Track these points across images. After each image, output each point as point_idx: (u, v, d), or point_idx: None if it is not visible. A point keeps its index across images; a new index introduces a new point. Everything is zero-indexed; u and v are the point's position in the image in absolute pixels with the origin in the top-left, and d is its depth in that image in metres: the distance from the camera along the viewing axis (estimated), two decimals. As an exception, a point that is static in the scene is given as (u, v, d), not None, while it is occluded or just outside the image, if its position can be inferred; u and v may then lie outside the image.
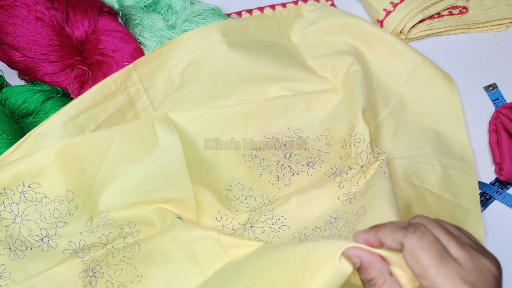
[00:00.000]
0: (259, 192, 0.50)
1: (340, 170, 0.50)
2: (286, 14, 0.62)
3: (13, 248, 0.43)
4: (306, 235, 0.47)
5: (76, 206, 0.45)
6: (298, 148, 0.52)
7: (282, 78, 0.55)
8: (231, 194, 0.50)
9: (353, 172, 0.49)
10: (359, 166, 0.49)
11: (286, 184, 0.50)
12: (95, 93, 0.49)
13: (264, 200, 0.49)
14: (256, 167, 0.51)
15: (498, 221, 0.51)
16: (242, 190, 0.50)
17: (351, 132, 0.51)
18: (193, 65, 0.53)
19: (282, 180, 0.50)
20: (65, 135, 0.46)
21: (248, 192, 0.50)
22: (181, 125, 0.50)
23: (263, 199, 0.50)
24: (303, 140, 0.53)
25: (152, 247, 0.44)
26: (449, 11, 0.62)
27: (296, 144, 0.52)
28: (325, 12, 0.61)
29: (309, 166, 0.51)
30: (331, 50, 0.59)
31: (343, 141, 0.52)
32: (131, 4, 0.58)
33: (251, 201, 0.49)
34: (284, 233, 0.47)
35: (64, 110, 0.47)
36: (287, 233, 0.47)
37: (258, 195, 0.50)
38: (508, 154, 0.51)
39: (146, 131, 0.47)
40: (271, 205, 0.49)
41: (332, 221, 0.47)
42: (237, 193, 0.50)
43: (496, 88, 0.59)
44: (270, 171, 0.51)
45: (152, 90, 0.52)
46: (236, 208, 0.49)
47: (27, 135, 0.46)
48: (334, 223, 0.46)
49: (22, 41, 0.49)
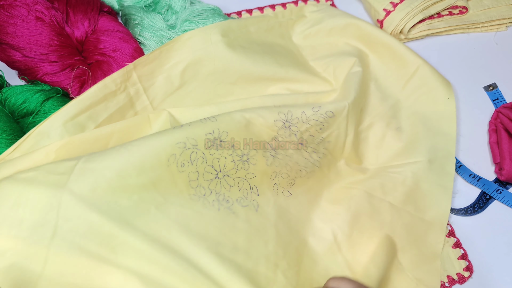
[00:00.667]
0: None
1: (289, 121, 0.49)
2: (288, 15, 0.62)
3: None
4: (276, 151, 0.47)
5: None
6: (298, 148, 0.52)
7: (282, 79, 0.55)
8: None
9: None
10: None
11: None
12: (94, 93, 0.49)
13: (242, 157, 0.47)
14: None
15: (498, 221, 0.51)
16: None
17: (327, 116, 0.50)
18: (193, 65, 0.53)
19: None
20: (65, 134, 0.46)
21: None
22: (178, 119, 0.50)
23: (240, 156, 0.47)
24: (303, 140, 0.52)
25: None
26: (449, 11, 0.62)
27: (296, 145, 0.52)
28: (327, 13, 0.61)
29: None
30: (333, 51, 0.59)
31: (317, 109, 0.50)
32: (131, 4, 0.58)
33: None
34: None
35: (64, 110, 0.47)
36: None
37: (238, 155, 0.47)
38: (508, 154, 0.51)
39: (142, 125, 0.48)
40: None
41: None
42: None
43: (496, 88, 0.59)
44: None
45: (151, 90, 0.52)
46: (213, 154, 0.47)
47: (27, 134, 0.46)
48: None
49: (22, 41, 0.49)
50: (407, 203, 0.49)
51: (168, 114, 0.49)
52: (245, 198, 0.45)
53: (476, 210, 0.51)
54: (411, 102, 0.56)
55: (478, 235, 0.50)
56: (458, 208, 0.51)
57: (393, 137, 0.54)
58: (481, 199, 0.52)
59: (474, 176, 0.52)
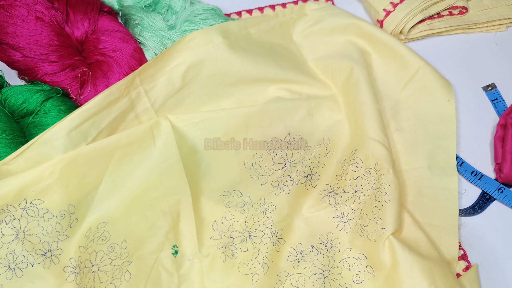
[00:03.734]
0: (257, 199, 0.50)
1: (334, 191, 0.50)
2: (289, 13, 0.61)
3: (12, 266, 0.43)
4: (303, 253, 0.47)
5: (77, 219, 0.46)
6: (298, 148, 0.52)
7: (282, 81, 0.55)
8: (229, 201, 0.50)
9: (347, 196, 0.49)
10: (353, 191, 0.49)
11: (285, 192, 0.50)
12: (99, 102, 0.49)
13: (261, 207, 0.49)
14: (257, 176, 0.51)
15: (498, 221, 0.51)
16: (240, 197, 0.50)
17: (352, 154, 0.51)
18: (194, 67, 0.53)
19: (281, 188, 0.50)
20: (68, 143, 0.46)
21: (246, 199, 0.50)
22: (182, 130, 0.51)
23: (260, 205, 0.50)
24: (303, 140, 0.53)
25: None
26: (449, 11, 0.62)
27: (296, 144, 0.52)
28: (328, 11, 0.60)
29: (307, 180, 0.51)
30: (333, 51, 0.58)
31: (343, 161, 0.52)
32: (131, 4, 0.58)
33: (249, 209, 0.49)
34: (280, 247, 0.48)
35: (69, 119, 0.47)
36: (283, 247, 0.48)
37: (255, 202, 0.50)
38: (510, 156, 0.51)
39: (145, 141, 0.49)
40: (269, 213, 0.49)
41: (328, 245, 0.48)
42: (234, 200, 0.50)
43: (494, 88, 0.59)
44: (271, 182, 0.51)
45: (153, 92, 0.52)
46: (233, 215, 0.49)
47: (31, 142, 0.46)
48: (331, 249, 0.47)
49: (22, 41, 0.49)
50: (413, 211, 0.50)
51: (169, 124, 0.50)
52: None
53: (476, 211, 0.51)
54: (410, 103, 0.56)
55: (478, 235, 0.50)
56: (459, 209, 0.51)
57: (391, 140, 0.54)
58: (481, 200, 0.52)
59: (476, 174, 0.52)
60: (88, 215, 0.47)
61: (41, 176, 0.44)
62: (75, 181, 0.46)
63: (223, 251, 0.47)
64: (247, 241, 0.48)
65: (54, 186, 0.45)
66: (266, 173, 0.51)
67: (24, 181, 0.44)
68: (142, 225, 0.47)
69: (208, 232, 0.48)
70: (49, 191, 0.45)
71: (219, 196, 0.50)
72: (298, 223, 0.49)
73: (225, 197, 0.50)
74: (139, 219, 0.47)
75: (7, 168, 0.45)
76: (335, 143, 0.53)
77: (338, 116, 0.54)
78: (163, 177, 0.49)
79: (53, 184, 0.45)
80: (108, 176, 0.48)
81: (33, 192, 0.44)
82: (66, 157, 0.45)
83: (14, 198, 0.44)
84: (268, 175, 0.51)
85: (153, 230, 0.47)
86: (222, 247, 0.47)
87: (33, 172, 0.44)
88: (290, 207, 0.49)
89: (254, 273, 0.46)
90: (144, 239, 0.47)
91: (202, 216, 0.49)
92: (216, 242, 0.48)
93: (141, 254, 0.46)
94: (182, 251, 0.47)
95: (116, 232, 0.47)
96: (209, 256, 0.47)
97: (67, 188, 0.45)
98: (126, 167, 0.48)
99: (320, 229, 0.49)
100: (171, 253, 0.46)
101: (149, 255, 0.46)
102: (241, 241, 0.48)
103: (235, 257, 0.47)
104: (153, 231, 0.47)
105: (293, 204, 0.50)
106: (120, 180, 0.48)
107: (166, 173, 0.49)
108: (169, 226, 0.47)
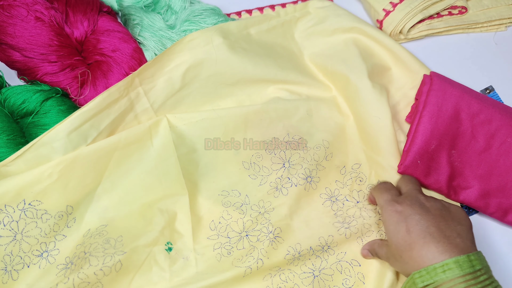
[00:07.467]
0: (255, 201, 0.50)
1: (336, 197, 0.51)
2: (291, 12, 0.60)
3: (9, 268, 0.43)
4: (301, 253, 0.48)
5: (74, 219, 0.46)
6: (297, 148, 0.52)
7: (282, 81, 0.55)
8: (227, 200, 0.50)
9: (349, 205, 0.51)
10: (355, 201, 0.51)
11: (283, 194, 0.50)
12: (99, 103, 0.49)
13: (260, 209, 0.50)
14: (256, 176, 0.51)
15: (498, 221, 0.51)
16: (238, 197, 0.50)
17: (356, 168, 0.52)
18: (194, 68, 0.53)
19: (280, 190, 0.50)
20: (68, 145, 0.46)
21: (244, 199, 0.50)
22: (181, 129, 0.51)
23: (259, 207, 0.50)
24: (303, 140, 0.52)
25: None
26: (449, 11, 0.62)
27: (296, 144, 0.52)
28: (332, 11, 0.59)
29: (307, 182, 0.51)
30: (334, 53, 0.57)
31: (342, 167, 0.53)
32: (131, 4, 0.58)
33: (247, 209, 0.49)
34: (278, 245, 0.48)
35: (69, 121, 0.47)
36: (281, 245, 0.48)
37: (254, 203, 0.50)
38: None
39: (143, 142, 0.49)
40: (267, 214, 0.49)
41: (326, 248, 0.48)
42: (233, 199, 0.50)
43: (492, 91, 0.59)
44: (270, 182, 0.51)
45: (152, 93, 0.52)
46: (231, 215, 0.49)
47: (31, 143, 0.46)
48: (326, 252, 0.48)
49: (22, 41, 0.49)
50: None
51: (167, 124, 0.50)
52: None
53: (471, 210, 0.51)
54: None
55: (478, 235, 0.49)
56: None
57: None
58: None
59: None
60: (86, 216, 0.47)
61: (40, 178, 0.45)
62: (74, 182, 0.46)
63: (219, 252, 0.47)
64: (243, 240, 0.48)
65: (53, 188, 0.45)
66: (264, 173, 0.51)
67: (23, 182, 0.44)
68: (139, 224, 0.48)
69: (205, 232, 0.48)
70: (48, 192, 0.45)
71: (217, 196, 0.50)
72: (298, 224, 0.49)
73: (223, 196, 0.50)
74: (137, 219, 0.48)
75: (7, 170, 0.45)
76: (334, 147, 0.53)
77: (337, 117, 0.54)
78: (160, 178, 0.49)
79: (52, 186, 0.45)
80: (107, 177, 0.48)
81: (32, 193, 0.44)
82: (66, 159, 0.46)
83: (12, 198, 0.44)
84: (266, 175, 0.51)
85: (150, 226, 0.47)
86: (219, 247, 0.48)
87: (32, 174, 0.44)
88: (289, 208, 0.49)
89: (247, 267, 0.46)
90: (140, 234, 0.47)
91: (199, 216, 0.49)
92: (213, 242, 0.48)
93: (135, 246, 0.46)
94: (177, 248, 0.47)
95: (114, 231, 0.47)
96: (204, 255, 0.47)
97: (66, 189, 0.46)
98: (125, 167, 0.48)
99: (321, 232, 0.49)
100: (164, 249, 0.47)
101: (142, 248, 0.46)
102: (238, 240, 0.48)
103: (230, 255, 0.47)
104: (149, 227, 0.47)
105: (292, 206, 0.50)
106: (118, 181, 0.48)
107: (164, 173, 0.49)
108: (165, 223, 0.48)
